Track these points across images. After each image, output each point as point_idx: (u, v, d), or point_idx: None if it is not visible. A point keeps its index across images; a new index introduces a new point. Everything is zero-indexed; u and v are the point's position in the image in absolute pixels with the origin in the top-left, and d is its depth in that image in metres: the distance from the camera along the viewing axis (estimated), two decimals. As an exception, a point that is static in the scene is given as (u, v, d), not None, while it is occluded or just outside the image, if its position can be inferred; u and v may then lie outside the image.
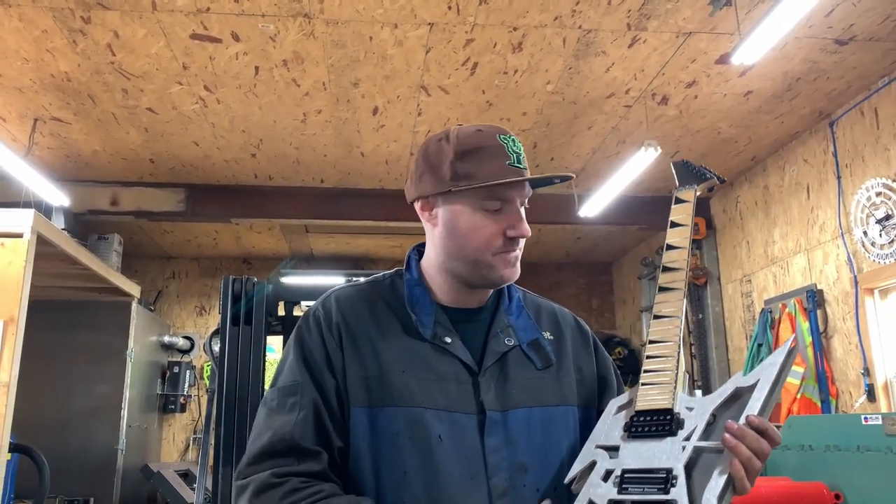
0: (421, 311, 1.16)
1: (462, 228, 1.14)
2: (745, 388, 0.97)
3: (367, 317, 1.16)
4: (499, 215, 1.13)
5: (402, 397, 1.08)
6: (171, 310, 7.46)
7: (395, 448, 1.06)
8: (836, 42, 3.59)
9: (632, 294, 7.43)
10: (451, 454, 1.06)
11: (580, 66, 3.82)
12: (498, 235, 1.13)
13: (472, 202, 1.13)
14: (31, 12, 3.30)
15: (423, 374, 1.10)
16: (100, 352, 5.54)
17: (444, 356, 1.13)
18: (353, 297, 1.20)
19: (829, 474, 2.78)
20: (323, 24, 3.42)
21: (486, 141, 1.13)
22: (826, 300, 4.40)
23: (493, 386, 1.12)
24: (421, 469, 1.05)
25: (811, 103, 4.25)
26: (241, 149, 4.89)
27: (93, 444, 5.36)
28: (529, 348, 1.18)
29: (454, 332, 1.15)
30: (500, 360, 1.15)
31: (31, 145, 4.60)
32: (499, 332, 1.18)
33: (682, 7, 3.29)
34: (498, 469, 1.07)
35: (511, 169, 1.11)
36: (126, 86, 3.98)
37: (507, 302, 1.23)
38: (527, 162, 1.16)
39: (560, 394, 1.17)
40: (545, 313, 1.27)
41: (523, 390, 1.13)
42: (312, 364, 1.12)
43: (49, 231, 3.74)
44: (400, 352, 1.12)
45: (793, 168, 4.79)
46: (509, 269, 1.15)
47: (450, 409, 1.08)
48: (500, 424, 1.09)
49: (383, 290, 1.22)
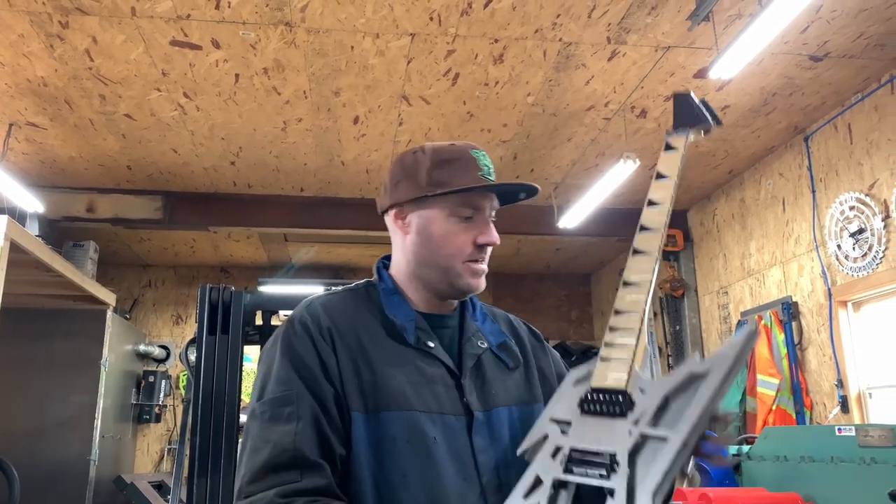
0: (402, 318, 1.18)
1: (435, 234, 1.19)
2: (699, 375, 0.94)
3: (355, 322, 1.16)
4: (470, 223, 1.19)
5: (397, 401, 1.09)
6: (147, 318, 7.37)
7: (394, 452, 1.07)
8: (811, 58, 3.65)
9: (610, 305, 7.44)
10: (446, 456, 1.08)
11: (560, 79, 3.85)
12: (469, 243, 1.18)
13: (446, 209, 1.18)
14: (7, 16, 3.26)
15: (413, 378, 1.12)
16: (74, 361, 5.45)
17: (429, 360, 1.15)
18: (338, 303, 1.20)
19: (803, 485, 2.81)
20: (304, 33, 3.41)
21: (460, 153, 1.21)
22: (801, 312, 4.46)
23: (475, 387, 1.16)
24: (420, 472, 1.06)
25: (787, 118, 4.32)
26: (221, 156, 4.86)
27: (65, 454, 5.27)
28: (499, 350, 1.24)
29: (434, 337, 1.18)
30: (477, 363, 1.19)
31: (5, 150, 4.53)
32: (470, 336, 1.22)
33: (661, 21, 3.33)
34: (487, 468, 1.10)
35: (483, 180, 1.18)
36: (104, 91, 3.95)
37: (472, 309, 1.28)
38: (496, 177, 1.22)
39: (530, 392, 1.23)
40: (501, 320, 1.34)
41: (501, 390, 1.18)
42: (305, 371, 1.09)
43: (23, 238, 3.69)
44: (390, 357, 1.13)
45: (769, 181, 4.85)
46: (475, 279, 1.20)
47: (441, 411, 1.11)
48: (484, 424, 1.13)
49: (360, 297, 1.23)
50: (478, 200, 1.19)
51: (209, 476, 2.78)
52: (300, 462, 1.02)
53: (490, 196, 1.21)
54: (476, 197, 1.19)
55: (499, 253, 7.05)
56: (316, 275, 7.55)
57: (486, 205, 1.20)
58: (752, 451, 3.20)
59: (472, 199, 1.18)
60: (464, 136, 4.54)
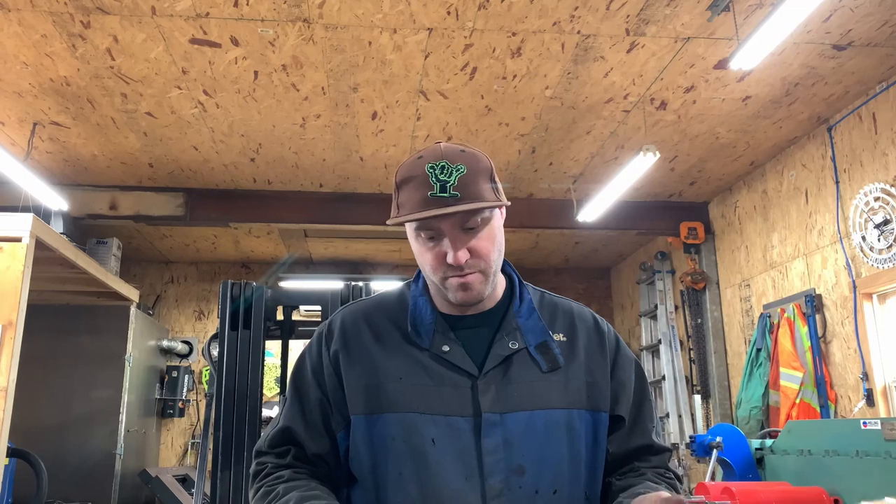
0: (421, 322, 1.20)
1: (415, 253, 1.20)
2: None
3: (368, 331, 1.22)
4: (435, 243, 1.14)
5: (397, 404, 1.14)
6: (170, 314, 7.45)
7: (391, 452, 1.13)
8: (834, 47, 3.60)
9: (630, 299, 7.43)
10: (444, 456, 1.10)
11: (579, 71, 3.83)
12: (439, 262, 1.15)
13: (412, 230, 1.17)
14: (30, 17, 3.31)
15: (419, 381, 1.15)
16: (98, 356, 5.53)
17: (442, 362, 1.16)
18: (358, 313, 1.26)
19: (828, 479, 2.78)
20: (322, 29, 3.42)
21: (416, 170, 1.14)
22: (825, 305, 4.40)
23: (492, 388, 1.14)
24: (415, 471, 1.11)
25: (809, 108, 4.26)
26: (240, 153, 4.89)
27: (91, 448, 5.35)
28: (536, 351, 1.18)
29: (455, 340, 1.18)
30: (504, 364, 1.16)
31: (30, 149, 4.60)
32: (504, 335, 1.19)
33: (680, 12, 3.30)
34: (494, 470, 1.09)
35: (432, 199, 1.10)
36: (125, 90, 3.99)
37: (518, 303, 1.23)
38: (465, 187, 1.11)
39: (566, 397, 1.17)
40: (562, 314, 1.27)
41: (526, 393, 1.14)
42: (303, 376, 1.25)
43: (48, 235, 3.74)
44: (398, 361, 1.17)
45: (791, 173, 4.80)
46: (462, 293, 1.15)
47: (445, 413, 1.12)
48: (497, 426, 1.11)
49: (390, 302, 1.27)
50: (430, 223, 1.12)
51: (232, 469, 2.81)
52: (288, 439, 1.23)
53: (443, 217, 1.11)
54: (428, 220, 1.12)
55: (517, 247, 7.03)
56: (335, 270, 7.59)
57: (441, 226, 1.12)
58: (776, 445, 3.17)
59: (424, 222, 1.12)
60: (482, 131, 4.54)
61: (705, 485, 2.90)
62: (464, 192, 1.10)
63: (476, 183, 1.12)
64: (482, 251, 1.14)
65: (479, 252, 1.14)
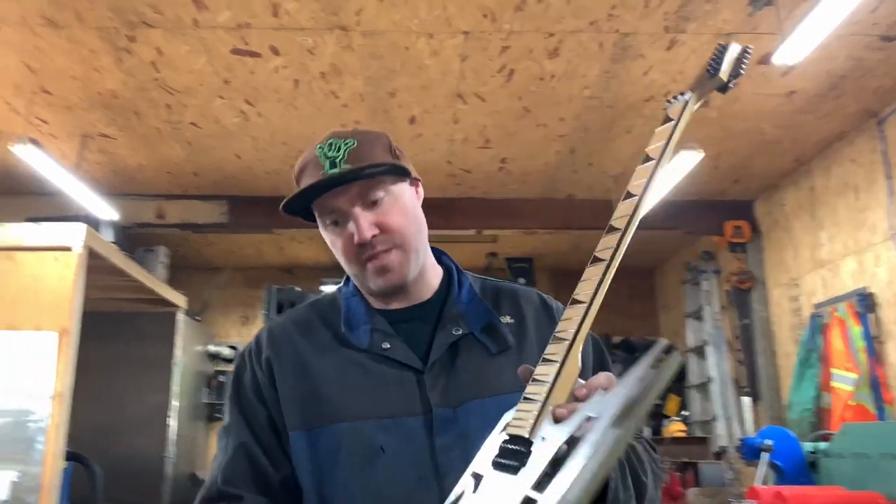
0: (356, 322, 1.12)
1: (332, 249, 1.13)
2: (593, 419, 0.75)
3: (299, 340, 1.13)
4: (342, 228, 1.08)
5: (339, 414, 1.05)
6: (216, 320, 7.58)
7: (336, 466, 1.03)
8: (882, 38, 3.49)
9: (675, 299, 7.31)
10: (394, 461, 1.02)
11: (617, 70, 3.79)
12: (350, 246, 1.08)
13: (318, 221, 1.11)
14: (79, 33, 3.41)
15: (360, 384, 1.06)
16: (147, 362, 5.65)
17: (383, 362, 1.08)
18: (285, 323, 1.17)
19: (885, 483, 2.69)
20: (360, 36, 3.45)
21: (308, 156, 1.09)
22: (878, 304, 4.27)
23: (441, 381, 1.06)
24: (363, 483, 1.02)
25: (857, 102, 4.14)
26: (282, 161, 4.96)
27: (141, 452, 5.47)
28: (482, 334, 1.10)
29: (394, 335, 1.10)
30: (450, 351, 1.08)
31: (80, 161, 4.74)
32: (447, 323, 1.11)
33: (720, 8, 3.24)
34: (450, 468, 0.98)
35: (323, 179, 1.04)
36: (170, 101, 4.08)
37: (458, 290, 1.16)
38: (357, 160, 1.04)
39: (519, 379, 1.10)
40: (506, 296, 1.18)
41: (475, 379, 1.06)
42: (244, 400, 1.12)
43: (99, 244, 3.84)
44: (335, 366, 1.08)
45: (840, 169, 4.66)
46: (382, 279, 1.08)
47: (393, 415, 1.04)
48: (451, 422, 1.03)
49: (321, 307, 1.18)
50: (327, 203, 1.07)
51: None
52: (221, 495, 1.07)
53: (338, 193, 1.05)
54: (323, 201, 1.06)
55: (557, 248, 6.98)
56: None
57: (338, 205, 1.06)
58: (830, 448, 3.09)
59: (319, 206, 1.08)
60: (519, 133, 4.52)
61: (756, 489, 2.84)
62: (355, 163, 1.04)
63: (371, 154, 1.06)
64: (392, 224, 1.06)
65: (389, 226, 1.06)
